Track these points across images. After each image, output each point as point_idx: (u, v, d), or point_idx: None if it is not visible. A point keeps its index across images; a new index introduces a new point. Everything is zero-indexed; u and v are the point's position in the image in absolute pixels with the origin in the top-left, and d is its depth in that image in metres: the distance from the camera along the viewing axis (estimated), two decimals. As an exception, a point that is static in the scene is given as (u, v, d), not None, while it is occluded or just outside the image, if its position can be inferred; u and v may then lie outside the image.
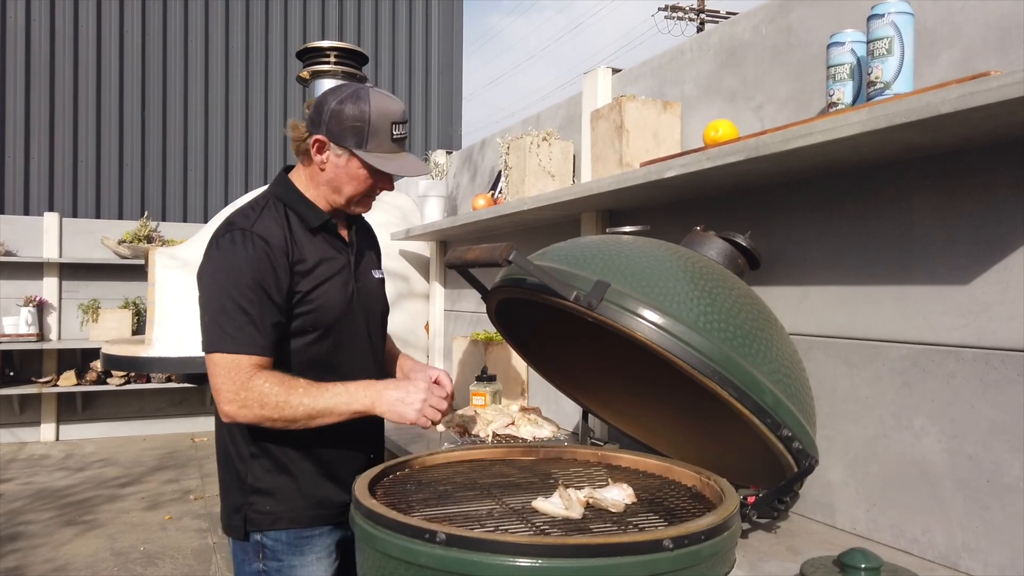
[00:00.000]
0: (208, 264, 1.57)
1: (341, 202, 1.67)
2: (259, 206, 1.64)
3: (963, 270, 1.32)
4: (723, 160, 1.49)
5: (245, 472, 1.63)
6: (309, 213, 1.66)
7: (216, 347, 1.50)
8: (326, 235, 1.69)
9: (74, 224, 7.17)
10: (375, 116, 1.57)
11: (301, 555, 1.65)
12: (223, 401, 1.50)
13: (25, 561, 3.98)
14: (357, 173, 1.62)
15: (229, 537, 1.69)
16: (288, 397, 1.50)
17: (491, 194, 2.91)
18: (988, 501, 1.27)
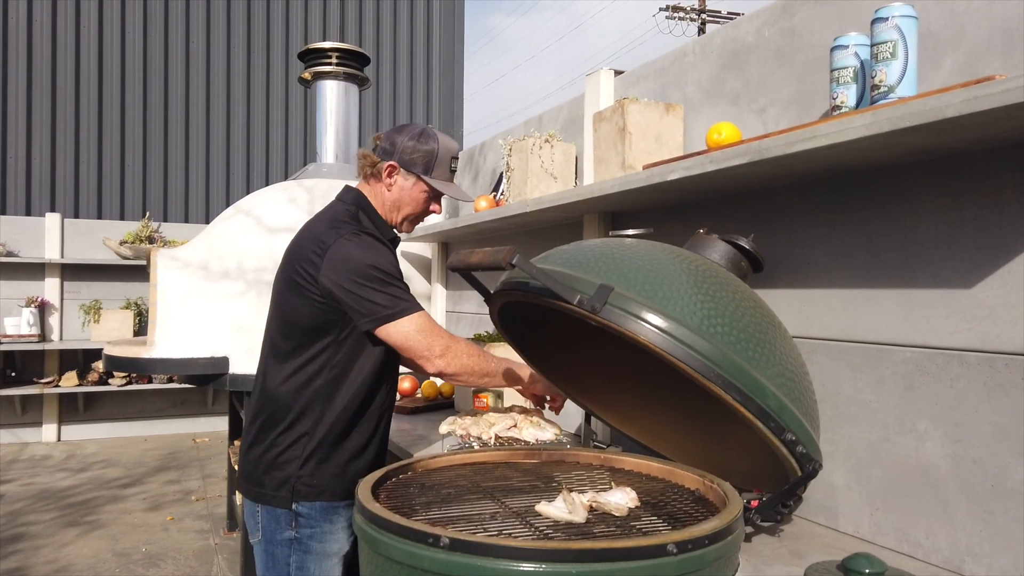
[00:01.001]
0: (346, 257, 1.74)
1: (397, 220, 1.94)
2: (352, 215, 1.86)
3: (967, 274, 1.32)
4: (726, 163, 1.49)
5: (293, 451, 1.80)
6: (383, 227, 1.92)
7: (403, 313, 1.73)
8: (390, 246, 1.92)
9: (76, 225, 7.17)
10: (442, 150, 1.88)
11: (331, 523, 1.82)
12: (434, 357, 1.76)
13: (27, 562, 3.99)
14: (418, 196, 1.90)
15: (258, 506, 1.83)
16: (484, 354, 1.84)
17: (493, 195, 2.91)
18: (992, 505, 1.27)
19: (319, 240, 1.78)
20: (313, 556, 1.78)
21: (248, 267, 3.54)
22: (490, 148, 3.29)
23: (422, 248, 3.73)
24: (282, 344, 1.83)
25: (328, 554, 1.80)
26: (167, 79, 8.33)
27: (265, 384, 1.86)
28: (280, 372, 1.82)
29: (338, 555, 1.82)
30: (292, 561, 1.77)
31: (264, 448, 1.83)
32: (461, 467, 1.70)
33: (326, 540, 1.80)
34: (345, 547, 1.84)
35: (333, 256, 1.73)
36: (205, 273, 3.60)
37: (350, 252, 1.73)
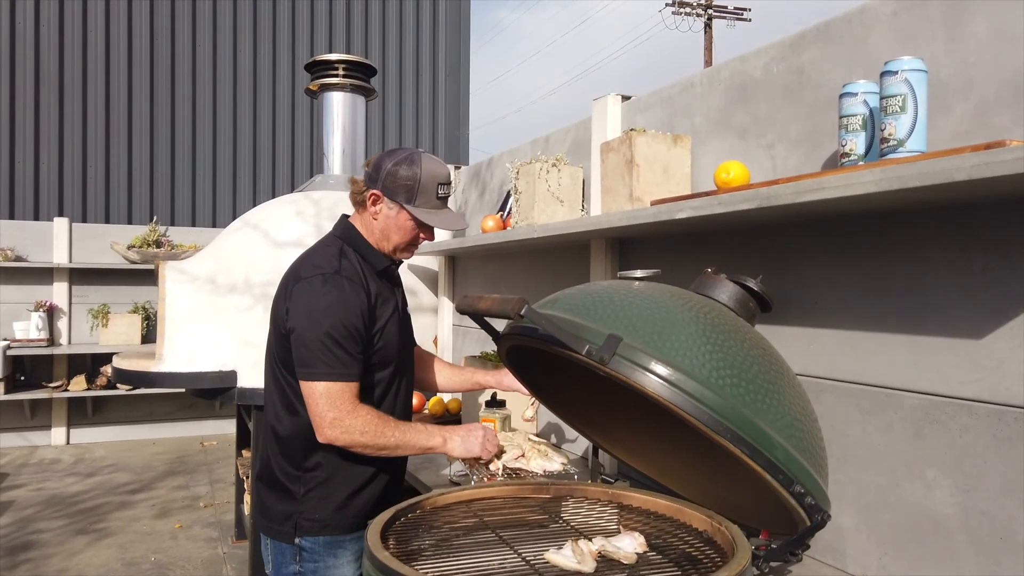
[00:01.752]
0: (302, 303, 1.75)
1: (388, 248, 1.90)
2: (335, 251, 1.85)
3: (977, 325, 1.32)
4: (734, 207, 1.49)
5: (296, 486, 1.82)
6: (374, 258, 1.90)
7: (321, 376, 1.71)
8: (386, 277, 1.94)
9: (83, 229, 7.20)
10: (425, 177, 1.81)
11: (335, 557, 1.83)
12: (326, 426, 1.71)
13: (38, 571, 4.02)
14: (405, 224, 1.85)
15: (268, 539, 1.86)
16: (383, 429, 1.75)
17: (500, 215, 2.91)
18: (1001, 558, 1.27)
19: (294, 281, 1.79)
20: None
21: (255, 281, 3.55)
22: (497, 164, 3.29)
23: (429, 261, 3.73)
24: (276, 380, 1.85)
25: None
26: (174, 85, 8.34)
27: (267, 417, 1.88)
28: (278, 408, 1.84)
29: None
30: None
31: (268, 482, 1.85)
32: (470, 503, 1.71)
33: (330, 574, 1.81)
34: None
35: (294, 298, 1.76)
36: (213, 287, 3.62)
37: (306, 298, 1.74)
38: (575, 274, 2.54)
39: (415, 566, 1.38)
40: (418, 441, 1.80)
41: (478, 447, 1.85)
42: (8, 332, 6.81)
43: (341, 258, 1.83)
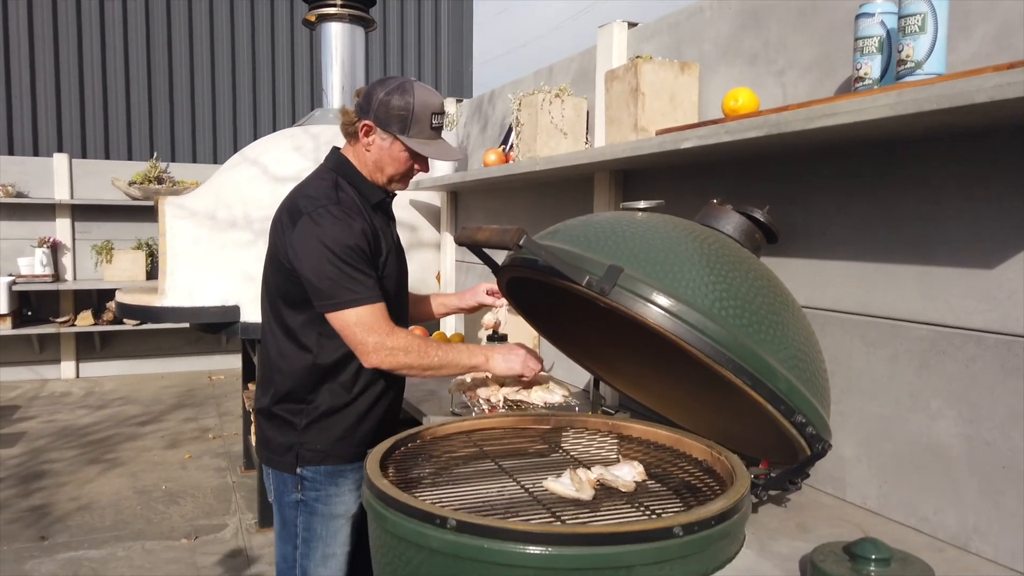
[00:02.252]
0: (308, 236, 1.70)
1: (383, 180, 1.86)
2: (331, 183, 1.80)
3: (989, 254, 1.29)
4: (742, 135, 1.44)
5: (298, 419, 1.82)
6: (369, 191, 1.86)
7: (348, 304, 1.69)
8: (381, 210, 1.90)
9: (84, 165, 7.14)
10: (418, 107, 1.76)
11: (336, 486, 1.84)
12: (369, 352, 1.70)
13: (51, 499, 4.11)
14: (399, 155, 1.81)
15: (269, 469, 1.87)
16: (426, 348, 1.75)
17: (502, 148, 2.85)
18: (1003, 486, 1.27)
19: (293, 214, 1.75)
20: (319, 518, 1.82)
21: (255, 216, 3.52)
22: (499, 97, 3.21)
23: (431, 197, 3.69)
24: (276, 315, 1.83)
25: (334, 516, 1.83)
26: (170, 17, 8.14)
27: (267, 351, 1.87)
28: (277, 342, 1.83)
29: (344, 516, 1.85)
30: (299, 522, 1.82)
31: (269, 414, 1.85)
32: (470, 434, 1.71)
33: (331, 503, 1.83)
34: (352, 508, 1.86)
35: (299, 231, 1.71)
36: (213, 223, 3.59)
37: (313, 231, 1.70)
38: (579, 208, 2.50)
39: (414, 494, 1.39)
40: (461, 359, 1.80)
41: (519, 365, 1.84)
42: (13, 268, 6.81)
43: (338, 190, 1.80)
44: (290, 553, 1.83)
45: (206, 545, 3.54)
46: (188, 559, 3.38)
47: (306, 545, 1.81)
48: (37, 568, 3.28)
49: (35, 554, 3.41)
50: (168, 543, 3.56)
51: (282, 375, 1.83)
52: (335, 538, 1.84)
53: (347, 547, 1.87)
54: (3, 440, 5.22)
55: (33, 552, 3.43)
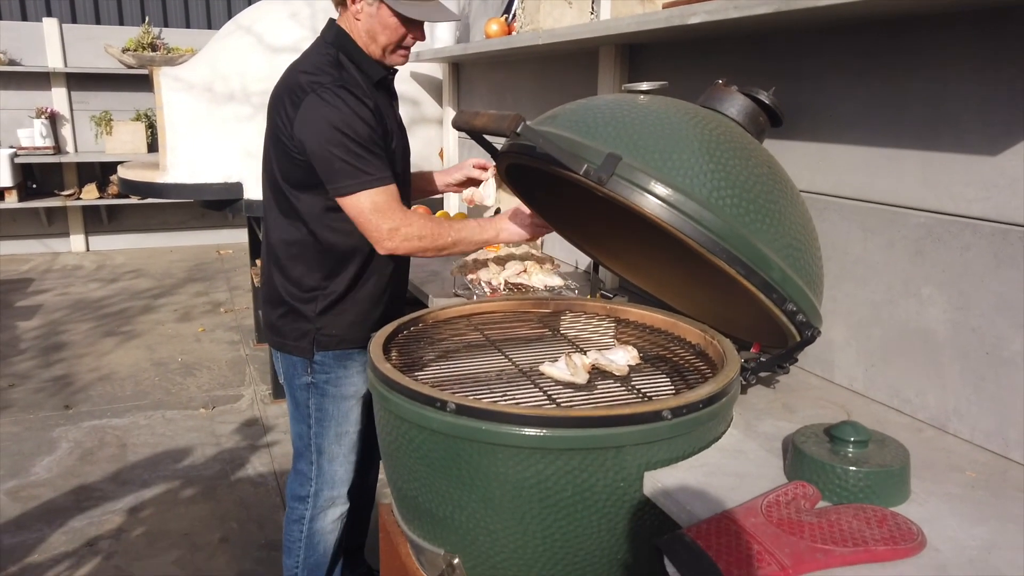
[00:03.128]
0: (315, 117, 1.65)
1: (378, 53, 1.77)
2: (332, 60, 1.73)
3: (994, 140, 1.26)
4: (751, 11, 1.38)
5: (309, 306, 1.83)
6: (371, 68, 1.78)
7: (360, 187, 1.66)
8: (383, 88, 1.83)
9: (75, 30, 6.91)
10: None
11: (344, 368, 1.88)
12: (384, 238, 1.69)
13: (72, 370, 4.27)
14: (388, 21, 1.71)
15: (279, 353, 1.90)
16: (439, 229, 1.73)
17: (504, 18, 2.74)
18: (984, 372, 1.30)
19: (295, 93, 1.68)
20: (330, 399, 1.88)
21: (253, 90, 3.44)
22: (502, -40, 3.04)
23: (432, 69, 3.58)
24: (280, 199, 1.80)
25: (345, 396, 1.89)
26: None
27: (269, 236, 1.85)
28: (281, 226, 1.81)
29: (355, 397, 1.91)
30: (312, 404, 1.88)
31: (279, 301, 1.86)
32: (470, 317, 1.75)
33: (341, 384, 1.88)
34: (362, 389, 1.92)
35: (304, 114, 1.65)
36: (211, 95, 3.51)
37: (321, 111, 1.64)
38: (583, 83, 2.43)
39: (416, 377, 1.44)
40: (474, 236, 1.79)
41: (529, 229, 1.80)
42: (13, 140, 6.74)
43: (340, 68, 1.73)
44: (304, 432, 1.91)
45: (223, 415, 3.71)
46: (207, 427, 3.55)
47: (319, 424, 1.89)
48: (64, 435, 3.45)
49: (60, 422, 3.59)
50: (187, 412, 3.73)
51: (291, 261, 1.81)
52: (347, 417, 1.91)
53: (359, 425, 1.94)
54: (21, 312, 5.36)
55: (59, 420, 3.61)
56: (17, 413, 3.68)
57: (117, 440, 3.42)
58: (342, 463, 1.93)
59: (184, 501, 2.91)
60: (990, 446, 1.30)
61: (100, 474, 3.11)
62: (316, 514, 1.95)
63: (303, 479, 1.94)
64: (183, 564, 2.53)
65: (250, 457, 3.28)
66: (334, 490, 1.94)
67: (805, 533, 1.01)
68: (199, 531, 2.72)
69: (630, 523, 1.23)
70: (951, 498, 1.13)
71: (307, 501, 1.94)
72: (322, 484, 1.93)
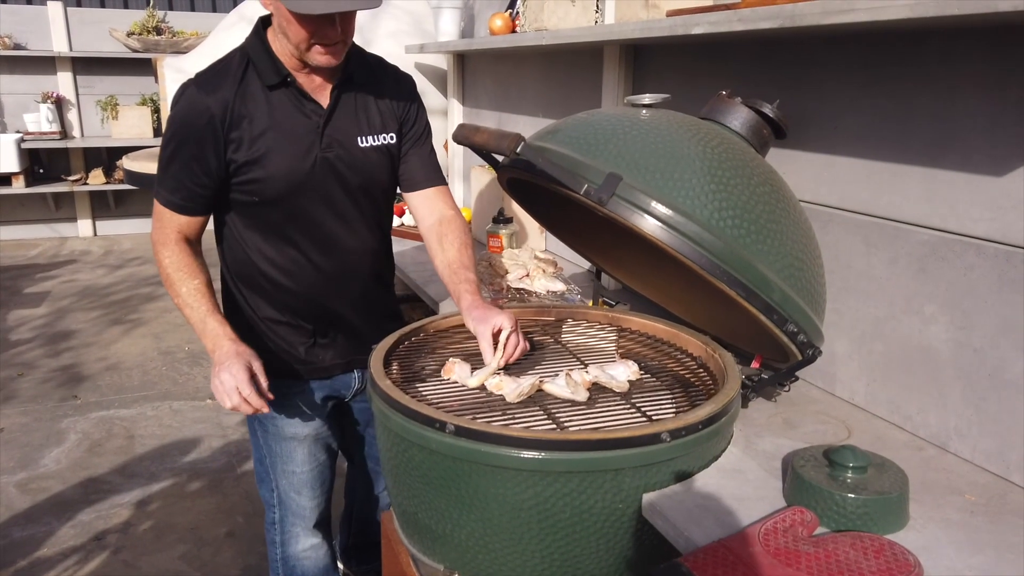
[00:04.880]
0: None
1: (296, 53, 1.51)
2: (225, 60, 1.59)
3: (1000, 161, 1.24)
4: (755, 25, 1.36)
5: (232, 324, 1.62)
6: (268, 69, 1.55)
7: (156, 195, 1.62)
8: (290, 96, 1.57)
9: (79, 14, 6.89)
10: None
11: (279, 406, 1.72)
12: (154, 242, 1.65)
13: (79, 359, 4.30)
14: (288, 16, 1.44)
15: None
16: (177, 281, 1.59)
17: (509, 13, 2.71)
18: (986, 393, 1.30)
19: None
20: (271, 436, 1.78)
21: (258, 81, 3.42)
22: (507, -48, 3.01)
23: (438, 60, 3.55)
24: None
25: (284, 437, 1.77)
26: None
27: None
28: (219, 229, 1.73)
29: (295, 439, 1.78)
30: (258, 435, 1.80)
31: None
32: (472, 326, 1.75)
33: (278, 423, 1.76)
34: (303, 431, 1.78)
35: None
36: (215, 87, 3.50)
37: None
38: (588, 80, 2.40)
39: (417, 390, 1.44)
40: (195, 324, 1.58)
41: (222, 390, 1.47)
42: (19, 125, 6.75)
43: (220, 69, 1.56)
44: (261, 459, 1.84)
45: (229, 405, 3.73)
46: (214, 419, 3.58)
47: (270, 458, 1.81)
48: (72, 426, 3.49)
49: (69, 413, 3.62)
50: (194, 403, 3.76)
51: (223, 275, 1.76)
52: (291, 457, 1.79)
53: (307, 466, 1.81)
54: (29, 300, 5.39)
55: (67, 411, 3.64)
56: (26, 403, 3.72)
57: (125, 431, 3.45)
58: (294, 498, 1.83)
59: (191, 494, 2.94)
60: (990, 467, 1.29)
61: (108, 466, 3.14)
62: (286, 540, 1.88)
63: (268, 505, 1.87)
64: (190, 559, 2.56)
65: (256, 449, 3.30)
66: (300, 520, 1.85)
67: (802, 564, 1.01)
68: (205, 525, 2.75)
69: (628, 545, 1.24)
70: (949, 524, 1.13)
71: (275, 527, 1.88)
72: (285, 512, 1.85)
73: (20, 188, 6.59)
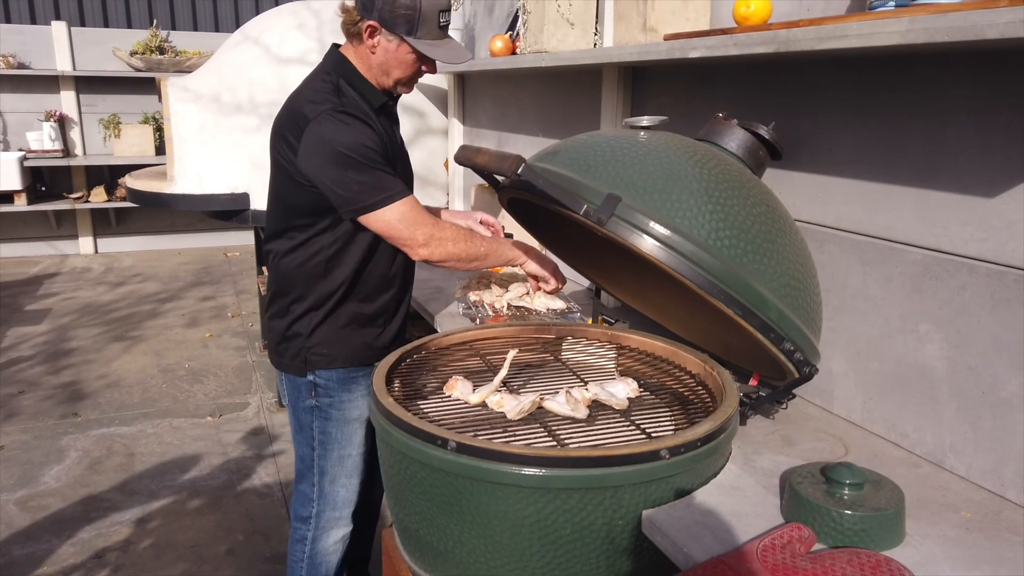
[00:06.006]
0: (321, 143, 1.67)
1: (389, 84, 1.80)
2: (333, 87, 1.75)
3: (991, 182, 1.27)
4: (751, 49, 1.39)
5: (307, 324, 1.84)
6: (371, 94, 1.80)
7: (385, 203, 1.68)
8: (385, 115, 1.84)
9: (83, 34, 6.95)
10: (425, 5, 1.68)
11: (348, 392, 1.89)
12: (419, 245, 1.72)
13: (80, 377, 4.30)
14: (406, 58, 1.75)
15: (282, 373, 1.91)
16: (471, 237, 1.79)
17: (509, 35, 2.75)
18: (981, 410, 1.31)
19: (296, 120, 1.70)
20: (334, 422, 1.88)
21: (260, 100, 3.46)
22: (507, -25, 3.06)
23: (438, 80, 3.59)
24: (281, 220, 1.83)
25: (348, 420, 1.90)
26: None
27: (272, 255, 1.88)
28: (282, 246, 1.83)
29: (358, 420, 1.92)
30: (315, 427, 1.89)
31: (278, 318, 1.89)
32: (473, 343, 1.77)
33: (344, 408, 1.89)
34: (366, 412, 1.92)
35: (309, 139, 1.66)
36: (218, 106, 3.53)
37: (325, 135, 1.65)
38: (587, 101, 2.44)
39: (419, 407, 1.46)
40: (503, 250, 1.84)
41: (551, 271, 1.89)
42: (22, 143, 6.78)
43: (339, 94, 1.74)
44: (307, 454, 1.91)
45: (230, 423, 3.74)
46: (214, 436, 3.58)
47: (323, 447, 1.90)
48: (73, 444, 3.49)
49: (69, 430, 3.62)
50: (194, 420, 3.76)
51: (290, 279, 1.84)
52: (350, 440, 1.91)
53: (363, 447, 1.95)
54: (30, 317, 5.40)
55: (68, 428, 3.65)
56: (27, 420, 3.72)
57: (125, 449, 3.45)
58: (344, 484, 1.95)
59: (191, 512, 2.94)
60: (986, 484, 1.31)
61: (108, 484, 3.14)
62: (319, 535, 1.97)
63: (305, 500, 1.96)
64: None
65: (256, 467, 3.30)
66: (336, 511, 1.96)
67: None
68: (205, 543, 2.75)
69: (628, 561, 1.25)
70: (945, 541, 1.15)
71: (309, 522, 1.96)
72: (324, 505, 1.95)
73: (22, 206, 6.62)
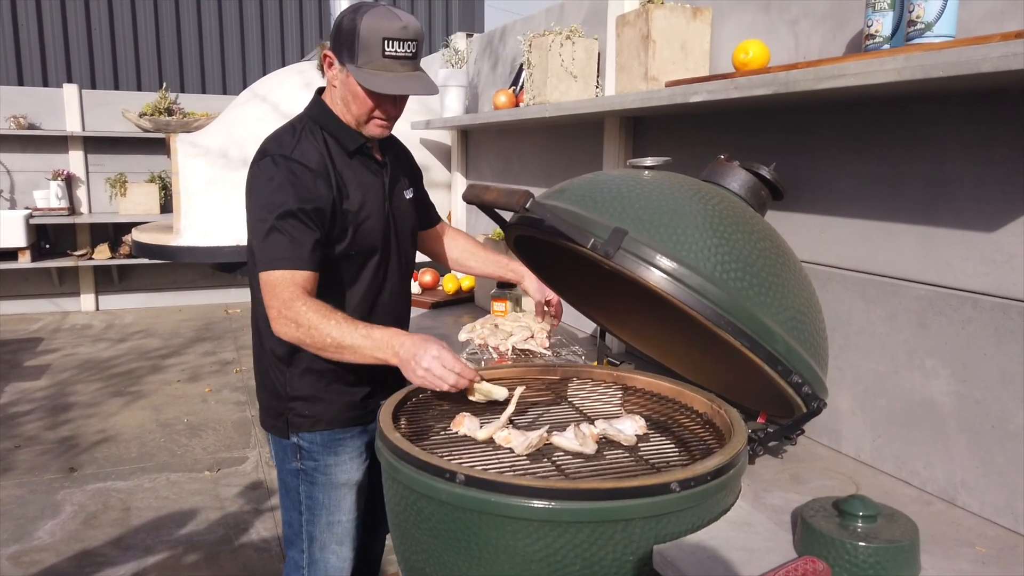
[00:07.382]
0: (250, 190, 1.64)
1: (353, 122, 1.69)
2: (296, 131, 1.69)
3: (990, 217, 1.29)
4: (751, 92, 1.43)
5: (283, 381, 1.76)
6: (345, 136, 1.70)
7: (264, 267, 1.59)
8: (362, 158, 1.74)
9: (94, 96, 7.11)
10: (364, 30, 1.55)
11: (335, 455, 1.80)
12: (272, 318, 1.59)
13: (78, 432, 4.26)
14: (356, 90, 1.63)
15: (270, 434, 1.84)
16: (320, 325, 1.54)
17: (512, 89, 2.82)
18: (991, 445, 1.31)
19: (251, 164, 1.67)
20: (320, 487, 1.80)
21: (267, 156, 3.52)
22: (510, 34, 3.15)
23: (442, 135, 3.67)
24: (254, 272, 1.70)
25: (336, 485, 1.81)
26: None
27: (254, 309, 1.80)
28: (257, 299, 1.72)
29: (347, 485, 1.82)
30: (302, 491, 1.80)
31: (261, 377, 1.82)
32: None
33: (331, 472, 1.79)
34: (355, 476, 1.83)
35: (246, 183, 1.65)
36: (225, 161, 3.60)
37: (255, 182, 1.62)
38: (589, 151, 2.49)
39: (425, 446, 1.45)
40: (364, 347, 1.54)
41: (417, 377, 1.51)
42: (29, 201, 6.87)
43: (299, 139, 1.66)
44: (295, 519, 1.84)
45: (227, 478, 3.69)
46: (211, 491, 3.53)
47: (310, 512, 1.81)
48: (68, 498, 3.43)
49: (65, 485, 3.57)
50: (192, 475, 3.71)
51: (262, 334, 1.76)
52: (339, 506, 1.82)
53: (353, 513, 1.85)
54: (29, 373, 5.37)
55: (63, 483, 3.59)
56: (22, 475, 3.67)
57: (121, 503, 3.39)
58: (335, 551, 1.84)
59: (187, 567, 2.88)
60: (1000, 520, 1.29)
61: (103, 539, 3.08)
62: None
63: (295, 567, 1.86)
64: (184, 633, 2.49)
65: (254, 522, 3.24)
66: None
67: (815, 611, 1.00)
68: (201, 598, 2.68)
69: (639, 598, 1.22)
70: (962, 575, 1.13)
71: None
72: (315, 572, 1.84)
73: (26, 263, 6.66)
